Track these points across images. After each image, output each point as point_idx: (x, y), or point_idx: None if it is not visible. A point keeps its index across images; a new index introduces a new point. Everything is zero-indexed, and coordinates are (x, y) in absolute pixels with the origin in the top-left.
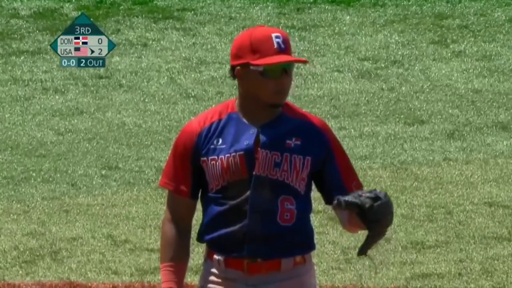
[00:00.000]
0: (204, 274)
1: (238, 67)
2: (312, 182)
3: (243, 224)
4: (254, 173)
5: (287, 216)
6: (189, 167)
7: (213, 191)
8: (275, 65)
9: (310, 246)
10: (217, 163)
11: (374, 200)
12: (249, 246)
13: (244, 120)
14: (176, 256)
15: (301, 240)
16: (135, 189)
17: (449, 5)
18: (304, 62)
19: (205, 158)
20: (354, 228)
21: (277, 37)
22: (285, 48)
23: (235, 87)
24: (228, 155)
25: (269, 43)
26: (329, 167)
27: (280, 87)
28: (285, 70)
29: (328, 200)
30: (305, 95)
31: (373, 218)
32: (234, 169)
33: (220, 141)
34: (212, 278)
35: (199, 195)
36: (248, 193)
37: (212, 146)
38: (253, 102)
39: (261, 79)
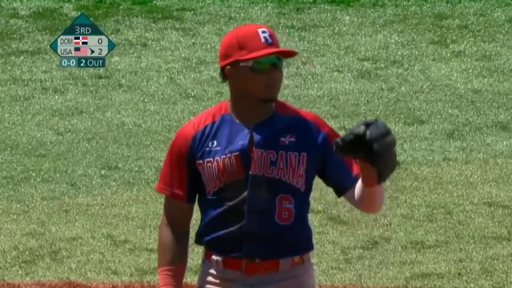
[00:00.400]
0: (202, 274)
1: (228, 67)
2: (314, 181)
3: (241, 225)
4: (250, 173)
5: (285, 215)
6: (185, 171)
7: (211, 193)
8: (264, 57)
9: (309, 246)
10: (213, 165)
11: (367, 126)
12: (248, 246)
13: (237, 121)
14: (174, 259)
15: (299, 240)
16: (134, 189)
17: (448, 5)
18: (293, 53)
19: (201, 161)
20: (369, 190)
21: (263, 32)
22: (272, 42)
23: None
24: (224, 156)
25: (256, 38)
26: (331, 160)
27: (271, 81)
28: (274, 65)
29: (339, 192)
30: (305, 95)
31: (372, 139)
32: (231, 170)
33: (215, 143)
34: (211, 278)
35: (196, 198)
36: (245, 193)
37: (207, 149)
38: (245, 101)
39: (251, 75)
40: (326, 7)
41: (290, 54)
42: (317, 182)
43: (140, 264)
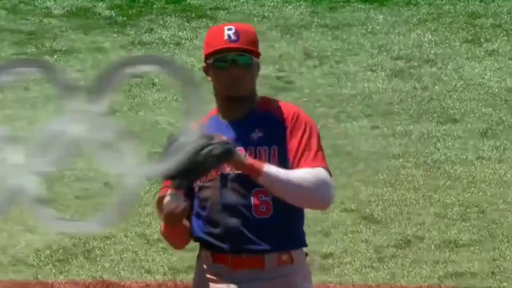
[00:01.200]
0: (196, 270)
1: (204, 64)
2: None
3: (222, 222)
4: (220, 172)
5: (263, 209)
6: None
7: (196, 191)
8: (219, 53)
9: (296, 242)
10: None
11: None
12: (231, 243)
13: (221, 120)
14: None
15: (283, 234)
16: None
17: (482, 4)
18: (247, 50)
19: None
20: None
21: (229, 29)
22: (236, 39)
23: (267, 85)
24: None
25: (220, 35)
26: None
27: (229, 78)
28: (234, 61)
29: None
30: (338, 94)
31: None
32: None
33: None
34: (203, 274)
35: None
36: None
37: None
38: (220, 99)
39: (215, 72)
40: (359, 6)
41: (248, 51)
42: (351, 180)
43: (173, 263)
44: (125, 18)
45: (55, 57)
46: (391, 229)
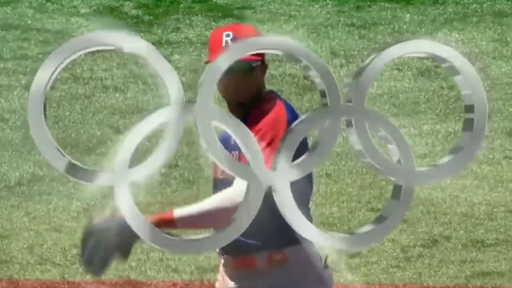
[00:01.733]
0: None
1: None
2: None
3: None
4: (213, 176)
5: None
6: None
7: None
8: (209, 62)
9: (291, 240)
10: None
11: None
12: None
13: None
14: None
15: (274, 233)
16: (194, 187)
17: (509, 3)
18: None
19: None
20: None
21: (227, 35)
22: None
23: (294, 85)
24: None
25: (218, 42)
26: None
27: (226, 86)
28: (231, 69)
29: None
30: None
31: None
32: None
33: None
34: (220, 270)
35: None
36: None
37: None
38: (226, 102)
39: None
40: (386, 5)
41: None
42: (377, 180)
43: (200, 262)
44: (151, 17)
45: (82, 56)
46: (418, 229)
